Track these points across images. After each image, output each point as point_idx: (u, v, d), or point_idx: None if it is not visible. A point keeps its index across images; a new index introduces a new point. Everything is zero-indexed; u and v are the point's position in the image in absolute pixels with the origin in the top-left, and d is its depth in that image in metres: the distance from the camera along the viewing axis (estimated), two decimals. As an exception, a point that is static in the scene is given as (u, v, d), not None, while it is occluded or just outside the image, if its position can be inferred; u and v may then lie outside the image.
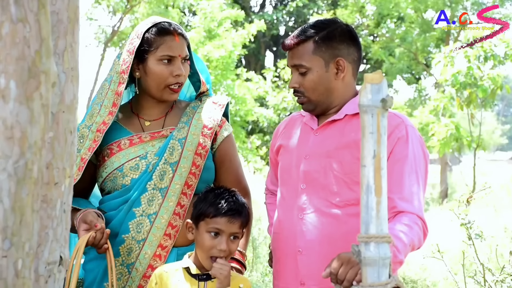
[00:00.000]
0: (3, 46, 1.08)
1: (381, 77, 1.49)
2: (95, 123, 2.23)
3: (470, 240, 3.66)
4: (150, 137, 2.25)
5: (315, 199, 2.10)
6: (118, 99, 2.23)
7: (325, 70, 2.11)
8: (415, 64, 17.05)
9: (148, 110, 2.30)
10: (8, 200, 1.09)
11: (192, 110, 2.34)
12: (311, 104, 2.15)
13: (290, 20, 23.08)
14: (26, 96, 1.10)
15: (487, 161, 28.04)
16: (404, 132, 2.06)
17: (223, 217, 2.01)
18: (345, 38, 2.14)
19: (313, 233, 2.08)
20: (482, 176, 12.10)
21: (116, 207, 2.20)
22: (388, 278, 1.50)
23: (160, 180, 2.19)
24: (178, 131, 2.25)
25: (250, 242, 5.86)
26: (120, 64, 2.24)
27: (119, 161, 2.21)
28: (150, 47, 2.20)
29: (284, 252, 2.17)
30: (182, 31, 2.25)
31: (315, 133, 2.17)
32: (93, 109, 2.28)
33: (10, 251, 1.11)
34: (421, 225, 1.98)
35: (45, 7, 1.14)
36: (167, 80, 2.20)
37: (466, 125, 10.54)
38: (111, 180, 2.22)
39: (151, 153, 2.22)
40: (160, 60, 2.20)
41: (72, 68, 1.31)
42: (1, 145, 1.09)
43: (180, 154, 2.21)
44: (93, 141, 2.20)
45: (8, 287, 1.11)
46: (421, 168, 2.07)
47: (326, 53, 2.11)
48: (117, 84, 2.23)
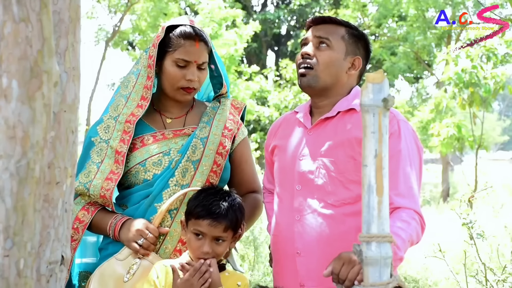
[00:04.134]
0: (5, 46, 1.09)
1: (383, 76, 1.49)
2: (122, 114, 2.26)
3: (471, 239, 3.66)
4: (173, 134, 2.28)
5: (311, 200, 2.10)
6: (147, 93, 2.27)
7: (343, 58, 2.15)
8: (416, 63, 17.03)
9: (169, 108, 2.34)
10: (10, 199, 1.09)
11: (212, 111, 2.38)
12: (313, 78, 2.13)
13: (292, 19, 23.06)
14: (28, 95, 1.11)
15: (488, 161, 28.03)
16: (396, 127, 2.05)
17: (205, 220, 2.00)
18: (366, 47, 2.22)
19: (311, 234, 2.08)
20: (483, 176, 12.07)
21: (137, 201, 2.23)
22: (390, 278, 1.50)
23: (182, 177, 2.22)
24: (200, 130, 2.29)
25: (251, 241, 5.85)
26: (147, 58, 2.28)
27: (142, 156, 2.24)
28: (169, 47, 2.24)
29: (283, 254, 2.17)
30: (204, 38, 2.26)
31: (309, 133, 2.17)
32: (118, 100, 2.31)
33: (12, 250, 1.11)
34: (418, 220, 1.99)
35: (47, 7, 1.14)
36: (179, 83, 2.24)
37: (468, 124, 10.53)
38: (133, 175, 2.24)
39: (174, 150, 2.25)
40: (175, 62, 2.23)
41: (74, 68, 1.31)
42: (3, 145, 1.09)
43: (202, 153, 2.25)
44: (123, 132, 2.24)
45: (10, 286, 1.11)
46: (415, 162, 2.07)
47: (351, 46, 2.16)
48: (145, 78, 2.27)
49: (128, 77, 2.35)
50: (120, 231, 2.16)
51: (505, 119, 44.38)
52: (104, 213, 2.23)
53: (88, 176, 2.21)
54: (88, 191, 2.19)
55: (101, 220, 2.21)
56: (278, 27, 22.47)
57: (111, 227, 2.17)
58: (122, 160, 2.20)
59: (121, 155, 2.21)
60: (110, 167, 2.20)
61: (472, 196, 3.84)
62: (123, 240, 2.15)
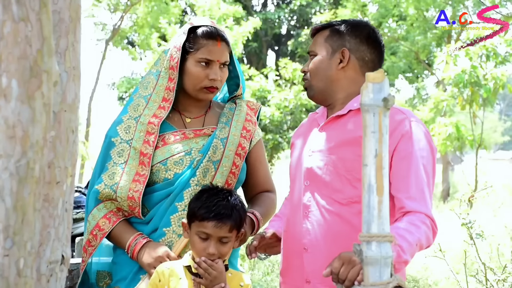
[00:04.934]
0: (5, 45, 1.09)
1: (383, 76, 1.49)
2: (144, 115, 2.26)
3: (471, 239, 3.66)
4: (194, 134, 2.29)
5: (319, 196, 2.10)
6: (169, 94, 2.28)
7: (329, 58, 2.15)
8: (416, 63, 17.03)
9: (188, 107, 2.35)
10: (10, 199, 1.09)
11: (230, 112, 2.40)
12: (312, 89, 2.19)
13: (292, 19, 23.06)
14: (28, 95, 1.10)
15: (488, 160, 28.02)
16: (408, 128, 2.03)
17: (210, 221, 1.99)
18: (361, 36, 2.16)
19: (318, 231, 2.08)
20: (483, 175, 12.09)
21: (158, 201, 2.23)
22: (390, 278, 1.50)
23: (203, 177, 2.23)
24: (220, 130, 2.31)
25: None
26: (168, 60, 2.28)
27: (163, 155, 2.24)
28: (192, 47, 2.25)
29: (290, 250, 2.17)
30: (226, 37, 2.30)
31: (320, 130, 2.18)
32: (137, 101, 2.31)
33: (12, 250, 1.11)
34: (429, 224, 1.95)
35: (46, 6, 1.14)
36: (202, 83, 2.25)
37: (468, 124, 10.53)
38: (153, 173, 2.23)
39: (195, 149, 2.26)
40: (198, 62, 2.25)
41: (74, 67, 1.31)
42: (3, 144, 1.09)
43: (222, 153, 2.27)
44: (146, 133, 2.24)
45: (10, 286, 1.11)
46: (428, 163, 2.03)
47: (336, 42, 2.15)
48: (167, 80, 2.28)
49: (147, 78, 2.36)
50: (140, 253, 2.15)
51: (505, 119, 44.40)
52: (125, 227, 2.22)
53: (113, 178, 2.20)
54: (115, 194, 2.18)
55: (120, 235, 2.20)
56: (278, 27, 22.47)
57: (131, 247, 2.17)
58: (148, 162, 2.21)
59: (147, 156, 2.21)
60: (135, 169, 2.20)
61: (472, 195, 3.84)
62: (142, 263, 2.15)
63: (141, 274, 2.19)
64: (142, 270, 2.18)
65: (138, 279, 2.19)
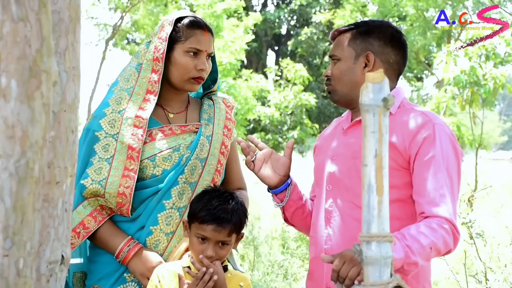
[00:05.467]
0: (4, 45, 1.08)
1: (383, 76, 1.49)
2: (129, 108, 2.20)
3: (471, 239, 3.66)
4: (181, 130, 2.26)
5: (340, 201, 2.07)
6: (154, 86, 2.22)
7: (353, 62, 2.11)
8: (416, 63, 17.03)
9: (170, 102, 2.31)
10: (10, 199, 1.09)
11: (209, 108, 2.37)
12: (336, 93, 2.15)
13: (292, 19, 23.05)
14: (27, 95, 1.10)
15: (488, 160, 28.01)
16: (431, 131, 1.98)
17: (209, 225, 1.98)
18: (385, 38, 2.11)
19: (339, 235, 2.05)
20: (483, 175, 12.07)
21: (146, 197, 2.18)
22: (390, 277, 1.50)
23: (191, 174, 2.21)
24: (205, 128, 2.28)
25: (251, 241, 5.85)
26: (151, 52, 2.24)
27: (152, 151, 2.19)
28: (179, 37, 2.22)
29: (314, 254, 2.15)
30: (211, 29, 2.28)
31: (344, 134, 2.15)
32: (119, 94, 2.23)
33: (11, 250, 1.11)
34: (449, 229, 1.89)
35: (46, 6, 1.14)
36: (190, 73, 2.22)
37: (468, 124, 10.52)
38: (141, 169, 2.18)
39: (183, 146, 2.23)
40: (187, 52, 2.22)
41: (74, 67, 1.31)
42: (3, 144, 1.08)
43: (208, 151, 2.25)
44: (133, 127, 2.17)
45: (10, 286, 1.11)
46: (452, 167, 1.98)
47: (360, 46, 2.11)
48: (150, 72, 2.23)
49: (128, 70, 2.29)
50: (132, 261, 2.12)
51: (505, 119, 44.39)
52: (113, 229, 2.17)
53: (100, 173, 2.13)
54: (103, 189, 2.11)
55: (109, 237, 2.15)
56: (278, 27, 22.46)
57: (122, 252, 2.12)
58: (137, 156, 2.14)
59: (136, 151, 2.15)
60: (123, 164, 2.14)
61: (472, 195, 3.84)
62: (134, 270, 2.12)
63: (126, 274, 2.16)
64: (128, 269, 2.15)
65: (124, 279, 2.16)
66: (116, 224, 2.20)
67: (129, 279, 2.17)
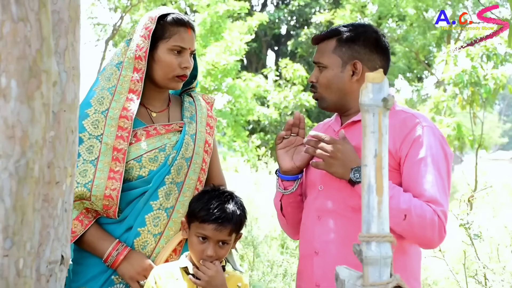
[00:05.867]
0: (4, 45, 1.08)
1: (382, 76, 1.49)
2: (112, 108, 2.16)
3: (470, 240, 3.66)
4: (165, 130, 2.23)
5: (332, 201, 2.09)
6: (137, 85, 2.18)
7: (341, 70, 2.11)
8: (416, 63, 17.03)
9: (153, 101, 2.28)
10: (10, 199, 1.09)
11: (190, 106, 2.34)
12: (324, 101, 2.16)
13: (291, 19, 23.05)
14: (27, 95, 1.10)
15: (488, 161, 28.01)
16: (421, 132, 2.01)
17: (210, 224, 1.99)
18: (370, 44, 2.13)
19: (329, 235, 2.07)
20: (483, 176, 12.09)
21: (132, 199, 2.16)
22: (390, 278, 1.50)
23: (177, 174, 2.19)
24: (188, 126, 2.26)
25: (250, 241, 5.85)
26: (133, 50, 2.19)
27: (137, 152, 2.16)
28: (162, 35, 2.19)
29: (304, 253, 2.17)
30: (193, 26, 2.26)
31: (336, 135, 2.16)
32: (101, 94, 2.18)
33: (11, 250, 1.11)
34: (437, 222, 1.93)
35: (46, 6, 1.14)
36: (175, 71, 2.20)
37: (468, 124, 10.52)
38: (126, 170, 2.15)
39: (169, 146, 2.20)
40: (171, 50, 2.19)
41: (73, 67, 1.31)
42: (2, 144, 1.08)
43: (193, 150, 2.23)
44: (118, 128, 2.13)
45: (10, 286, 1.11)
46: (441, 168, 2.02)
47: (346, 54, 2.11)
48: (132, 70, 2.19)
49: (108, 69, 2.24)
50: (121, 265, 2.10)
51: (505, 120, 44.38)
52: (100, 233, 2.14)
53: (85, 176, 2.09)
54: (89, 193, 2.07)
55: (97, 241, 2.12)
56: (278, 27, 22.46)
57: (111, 256, 2.10)
58: (123, 158, 2.11)
59: (121, 152, 2.11)
60: (108, 165, 2.10)
61: (472, 196, 3.84)
62: (123, 274, 2.11)
63: (114, 276, 2.15)
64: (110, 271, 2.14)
65: (112, 282, 2.15)
66: (102, 226, 2.17)
67: (117, 281, 2.16)
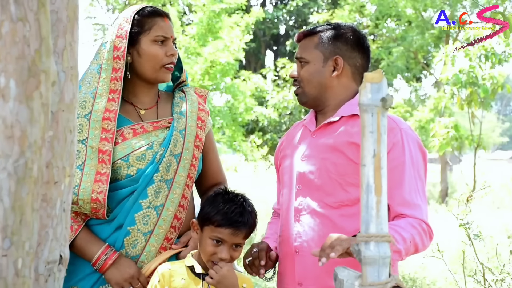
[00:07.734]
0: (3, 45, 1.08)
1: (381, 76, 1.49)
2: (94, 111, 2.15)
3: (469, 240, 3.66)
4: (153, 127, 2.22)
5: (310, 200, 2.11)
6: (116, 85, 2.18)
7: (322, 66, 2.17)
8: (414, 63, 17.04)
9: (141, 98, 2.28)
10: (8, 199, 1.09)
11: (181, 101, 2.33)
12: (304, 95, 2.20)
13: (290, 19, 23.06)
14: (26, 95, 1.10)
15: (487, 160, 28.04)
16: (399, 137, 2.05)
17: (227, 228, 2.00)
18: (351, 42, 2.19)
19: (309, 233, 2.10)
20: (482, 175, 12.10)
21: (122, 198, 2.16)
22: (388, 277, 1.50)
23: (166, 171, 2.18)
24: (177, 122, 2.25)
25: (248, 241, 5.84)
26: (110, 51, 2.19)
27: (124, 151, 2.16)
28: (142, 29, 2.20)
29: (284, 253, 2.18)
30: (168, 14, 2.28)
31: (313, 135, 2.20)
32: (83, 98, 2.17)
33: (10, 250, 1.11)
34: (426, 228, 1.98)
35: (44, 6, 1.14)
36: (162, 61, 2.20)
37: (466, 124, 10.54)
38: (114, 170, 2.15)
39: (156, 143, 2.19)
40: (154, 41, 2.20)
41: (72, 67, 1.31)
42: (1, 144, 1.08)
43: (182, 146, 2.22)
44: (102, 130, 2.13)
45: (8, 286, 1.11)
46: (420, 171, 2.07)
47: (327, 49, 2.17)
48: (111, 71, 2.18)
49: (88, 74, 2.24)
50: (109, 270, 2.11)
51: (503, 119, 44.42)
52: (89, 237, 2.14)
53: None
54: (77, 197, 2.07)
55: (85, 245, 2.12)
56: (276, 27, 22.47)
57: (100, 261, 2.11)
58: (109, 159, 2.11)
59: (107, 154, 2.11)
60: (94, 168, 2.10)
61: (471, 195, 3.84)
62: (110, 279, 2.11)
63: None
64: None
65: (103, 281, 2.15)
66: (92, 227, 2.17)
67: None
